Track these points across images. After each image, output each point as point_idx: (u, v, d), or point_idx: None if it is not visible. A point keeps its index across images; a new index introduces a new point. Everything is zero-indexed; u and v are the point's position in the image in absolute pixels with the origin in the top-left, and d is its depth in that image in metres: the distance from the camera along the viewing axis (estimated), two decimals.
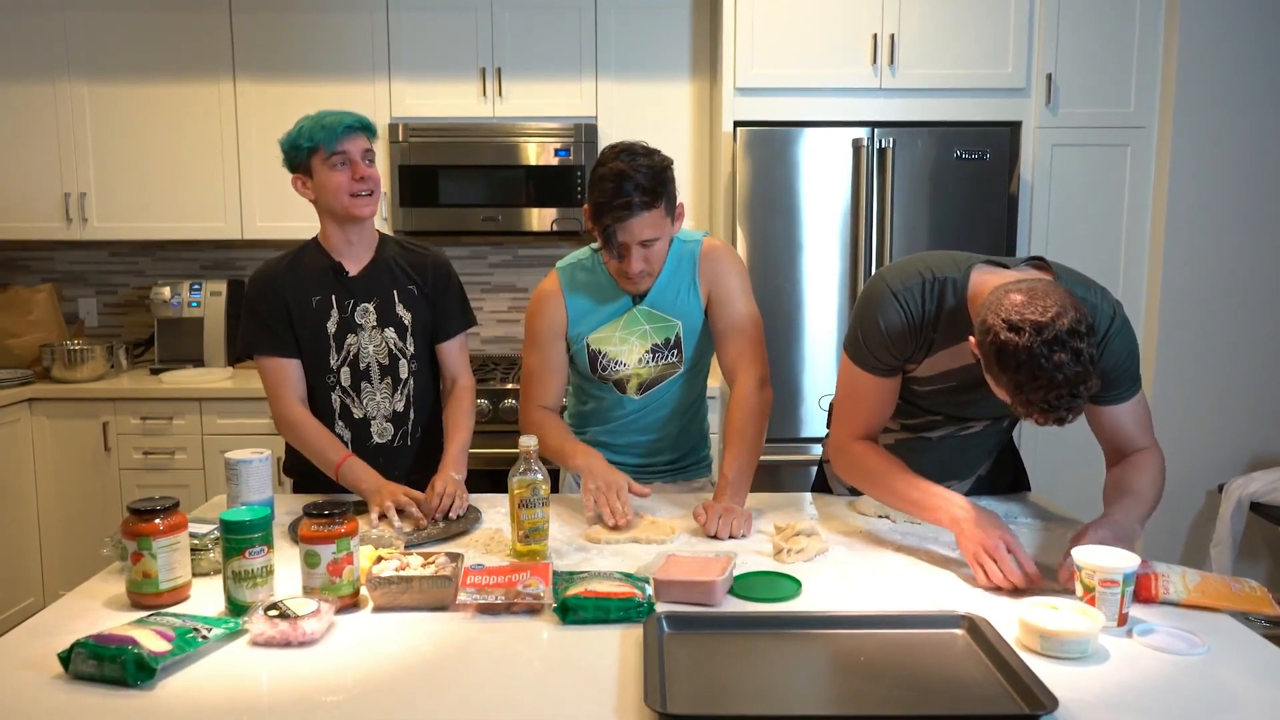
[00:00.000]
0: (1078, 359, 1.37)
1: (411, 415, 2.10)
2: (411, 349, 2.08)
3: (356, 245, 2.06)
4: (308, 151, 1.97)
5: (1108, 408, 1.67)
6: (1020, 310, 1.39)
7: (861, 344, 1.71)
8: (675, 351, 2.05)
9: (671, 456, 2.17)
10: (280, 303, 2.02)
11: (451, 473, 1.93)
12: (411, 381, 2.09)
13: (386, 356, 2.06)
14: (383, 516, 1.82)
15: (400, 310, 2.07)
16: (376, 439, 2.08)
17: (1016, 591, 1.49)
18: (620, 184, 1.83)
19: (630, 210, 1.83)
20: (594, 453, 1.96)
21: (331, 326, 2.03)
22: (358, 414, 2.07)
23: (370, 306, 2.05)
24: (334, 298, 2.03)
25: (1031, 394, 1.39)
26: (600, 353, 2.05)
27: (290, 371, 2.03)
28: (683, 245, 2.04)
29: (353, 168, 1.96)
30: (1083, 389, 1.39)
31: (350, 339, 2.04)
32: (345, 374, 2.05)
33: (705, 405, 2.24)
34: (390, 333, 2.06)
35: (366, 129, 2.00)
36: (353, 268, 2.05)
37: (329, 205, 2.00)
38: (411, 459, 2.10)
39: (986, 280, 1.60)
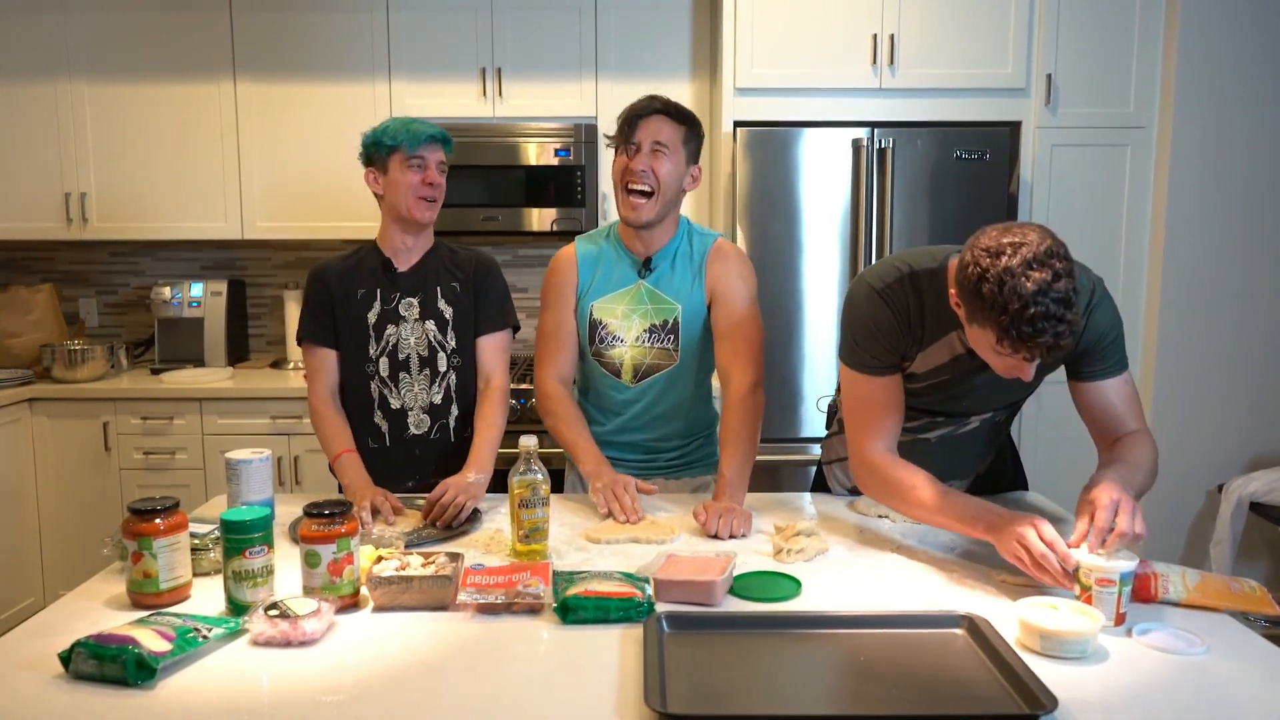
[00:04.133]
0: (1058, 278, 1.39)
1: (453, 410, 2.15)
2: (452, 343, 2.13)
3: (411, 249, 2.14)
4: (388, 149, 2.05)
5: (1096, 384, 1.68)
6: (998, 238, 1.44)
7: (855, 346, 1.72)
8: (672, 337, 2.06)
9: (674, 454, 2.17)
10: (326, 293, 2.12)
11: (471, 473, 1.93)
12: (452, 375, 2.14)
13: (426, 349, 2.12)
14: (375, 513, 1.85)
15: (442, 304, 2.13)
16: (413, 430, 2.13)
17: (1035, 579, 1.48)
18: (652, 99, 2.05)
19: (653, 106, 2.02)
20: (601, 457, 1.99)
21: (372, 317, 2.11)
22: (395, 404, 2.12)
23: (414, 300, 2.12)
24: (379, 291, 2.12)
25: (1015, 319, 1.39)
26: (601, 323, 2.08)
27: (325, 361, 2.12)
28: (698, 237, 2.11)
29: (425, 172, 2.07)
30: (1068, 314, 1.39)
31: (390, 330, 2.11)
32: (384, 364, 2.11)
33: (711, 407, 2.23)
34: (431, 325, 2.12)
35: (446, 143, 2.12)
36: (402, 265, 2.14)
37: (394, 203, 2.09)
38: (449, 452, 2.12)
39: None
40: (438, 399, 2.13)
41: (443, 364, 2.13)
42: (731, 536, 1.76)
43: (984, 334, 1.47)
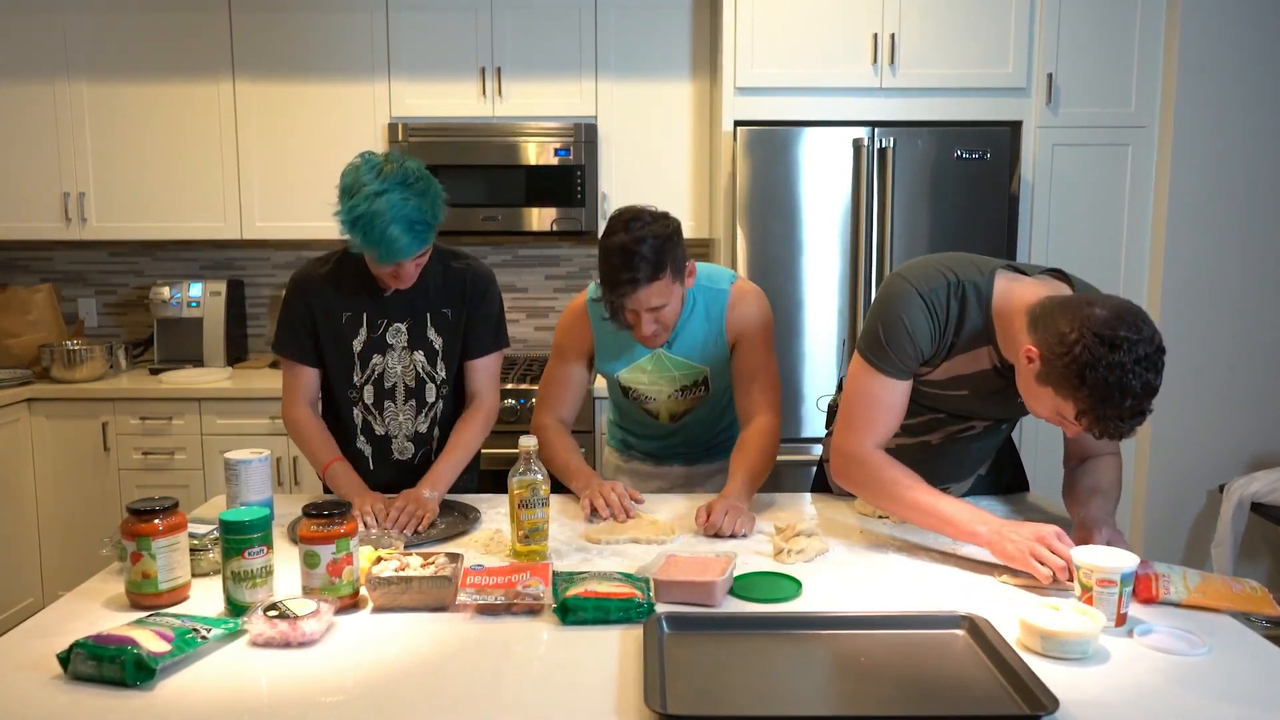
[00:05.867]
0: (1159, 375, 1.38)
1: (436, 434, 2.09)
2: (442, 374, 2.05)
3: None
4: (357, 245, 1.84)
5: None
6: (1113, 325, 1.37)
7: (884, 346, 1.66)
8: (703, 388, 2.10)
9: (717, 444, 2.23)
10: (308, 312, 2.00)
11: (424, 490, 1.89)
12: (440, 405, 2.07)
13: (414, 379, 2.03)
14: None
15: (432, 334, 2.03)
16: (397, 456, 2.08)
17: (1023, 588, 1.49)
18: (626, 259, 1.82)
19: (635, 285, 1.84)
20: (594, 475, 2.01)
21: (358, 345, 2.01)
22: (379, 431, 2.06)
23: (403, 327, 2.01)
24: (365, 315, 2.00)
25: (1110, 408, 1.39)
26: (631, 388, 2.11)
27: (305, 378, 2.03)
28: (711, 294, 2.04)
29: (398, 271, 1.88)
30: (1151, 406, 1.40)
31: (376, 359, 2.02)
32: (369, 392, 2.03)
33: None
34: (420, 356, 2.03)
35: (424, 245, 1.85)
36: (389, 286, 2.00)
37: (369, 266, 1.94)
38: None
39: (1013, 289, 1.59)
40: (423, 427, 2.07)
41: (431, 394, 2.05)
42: (733, 536, 1.76)
43: (1061, 402, 1.44)
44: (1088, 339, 1.37)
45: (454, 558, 1.51)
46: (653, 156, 3.63)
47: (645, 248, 1.82)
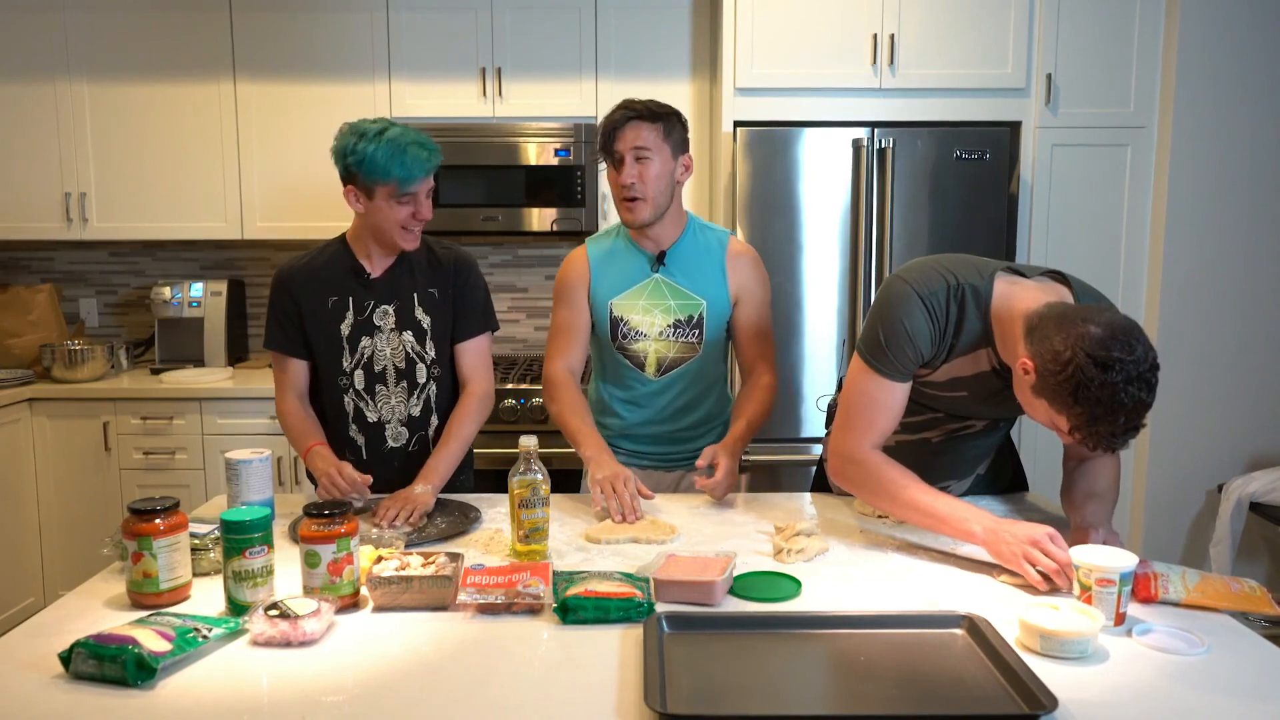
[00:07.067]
0: (1151, 392, 1.40)
1: (433, 421, 2.09)
2: (432, 353, 2.06)
3: (386, 253, 2.05)
4: (377, 181, 1.92)
5: None
6: (1107, 346, 1.38)
7: (883, 347, 1.66)
8: (696, 332, 2.11)
9: (695, 444, 2.19)
10: (293, 304, 2.04)
11: (418, 486, 1.90)
12: (432, 386, 2.08)
13: (403, 360, 2.05)
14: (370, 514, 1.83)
15: (419, 314, 2.05)
16: (391, 443, 2.07)
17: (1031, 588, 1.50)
18: (629, 103, 2.07)
19: (627, 115, 2.04)
20: (603, 444, 2.01)
21: (345, 329, 2.03)
22: (372, 417, 2.06)
23: (390, 309, 2.04)
24: (351, 299, 2.03)
25: (1102, 426, 1.40)
26: (622, 319, 2.12)
27: (293, 370, 2.07)
28: (709, 231, 2.17)
29: (417, 207, 1.96)
30: (1143, 422, 1.41)
31: (365, 341, 2.03)
32: (359, 376, 2.04)
33: (728, 394, 2.29)
34: (408, 336, 2.04)
35: (436, 165, 1.97)
36: (375, 269, 2.05)
37: (377, 228, 1.99)
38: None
39: (1012, 293, 1.60)
40: (416, 411, 2.07)
41: (422, 375, 2.06)
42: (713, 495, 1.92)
43: (1055, 415, 1.46)
44: (1081, 359, 1.38)
45: (454, 557, 1.51)
46: None
47: (650, 101, 2.08)
